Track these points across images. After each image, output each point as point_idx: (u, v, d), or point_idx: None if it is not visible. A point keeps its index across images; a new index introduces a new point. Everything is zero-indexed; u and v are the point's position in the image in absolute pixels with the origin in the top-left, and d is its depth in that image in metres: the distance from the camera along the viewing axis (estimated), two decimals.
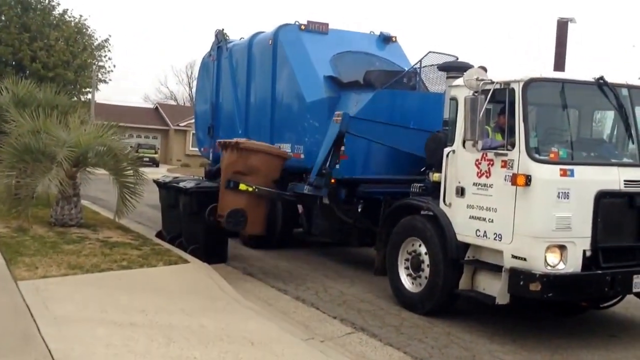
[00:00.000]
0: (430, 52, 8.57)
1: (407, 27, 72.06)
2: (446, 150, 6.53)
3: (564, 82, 6.09)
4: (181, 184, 9.23)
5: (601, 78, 5.99)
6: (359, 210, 8.63)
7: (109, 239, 9.31)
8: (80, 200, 10.76)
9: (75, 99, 30.10)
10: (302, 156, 9.13)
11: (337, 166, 8.12)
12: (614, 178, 5.79)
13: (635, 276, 5.80)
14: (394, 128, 7.94)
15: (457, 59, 8.43)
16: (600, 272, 5.70)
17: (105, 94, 47.94)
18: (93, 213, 12.49)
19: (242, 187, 7.88)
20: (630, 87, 6.16)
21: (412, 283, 6.87)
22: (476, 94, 5.85)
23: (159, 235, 10.13)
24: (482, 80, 5.92)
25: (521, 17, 69.68)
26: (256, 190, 7.94)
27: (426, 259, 6.64)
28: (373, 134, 7.92)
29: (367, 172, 8.50)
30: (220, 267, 8.42)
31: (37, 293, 6.23)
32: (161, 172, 28.85)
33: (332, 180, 8.66)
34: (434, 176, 6.79)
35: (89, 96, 34.55)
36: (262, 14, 74.29)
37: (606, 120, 6.62)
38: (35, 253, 7.96)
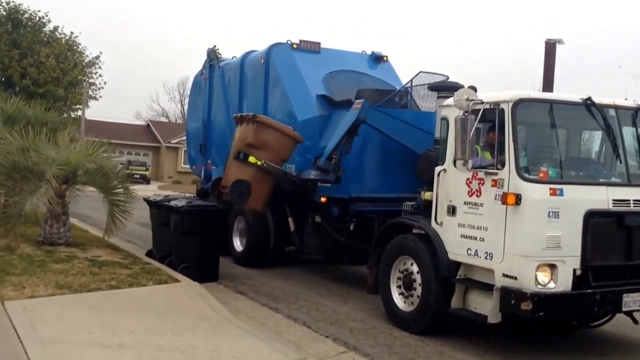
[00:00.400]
0: (421, 72, 8.67)
1: (398, 47, 73.06)
2: (437, 169, 6.58)
3: (552, 102, 6.17)
4: (172, 203, 9.19)
5: (589, 98, 6.08)
6: (352, 228, 8.63)
7: (98, 258, 9.23)
8: (69, 219, 10.67)
9: (66, 115, 30.03)
10: (294, 174, 9.13)
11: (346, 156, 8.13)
12: (602, 197, 5.85)
13: (624, 295, 5.83)
14: (410, 127, 8.02)
15: (448, 78, 8.52)
16: (590, 291, 5.72)
17: (96, 111, 47.84)
18: (82, 231, 12.38)
19: (252, 159, 7.91)
20: (617, 108, 6.25)
21: (405, 302, 6.86)
22: (466, 114, 5.91)
23: (149, 254, 10.05)
24: (472, 100, 5.99)
25: (511, 36, 70.64)
26: (264, 164, 7.95)
27: (418, 277, 6.64)
28: (388, 128, 8.00)
29: (360, 190, 8.51)
30: (211, 286, 8.37)
31: (24, 313, 6.15)
32: (152, 190, 28.86)
33: (323, 199, 8.71)
34: (426, 195, 6.82)
35: (80, 113, 34.47)
36: (254, 32, 74.89)
37: (594, 139, 6.70)
38: (23, 272, 7.87)
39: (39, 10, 31.17)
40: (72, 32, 31.90)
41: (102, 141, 11.23)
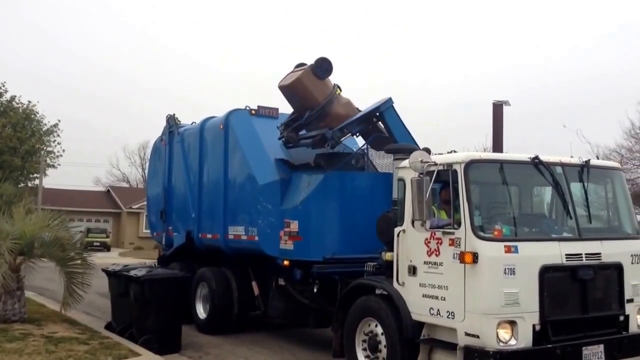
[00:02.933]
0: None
1: (387, 43, 74.69)
2: (396, 229, 6.68)
3: (502, 162, 6.42)
4: (132, 272, 9.00)
5: (536, 157, 6.36)
6: (315, 290, 8.57)
7: (55, 334, 8.88)
8: (24, 293, 10.29)
9: (22, 185, 29.37)
10: (257, 238, 9.12)
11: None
12: (555, 252, 6.02)
13: (584, 348, 5.92)
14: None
15: (411, 140, 8.78)
16: (550, 346, 5.80)
17: (54, 179, 46.95)
18: (38, 306, 11.91)
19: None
20: (563, 165, 6.55)
21: None
22: (421, 176, 6.09)
23: (108, 326, 9.73)
24: (426, 162, 6.19)
25: (467, 97, 73.42)
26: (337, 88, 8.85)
27: (383, 339, 6.61)
28: (395, 132, 8.52)
29: (322, 252, 8.52)
30: (173, 358, 8.16)
31: None
32: (113, 257, 28.15)
33: (286, 262, 8.68)
34: (387, 255, 6.89)
35: (37, 182, 33.75)
36: (211, 95, 75.63)
37: (545, 196, 6.95)
38: None
39: None
40: (29, 101, 31.67)
41: (59, 210, 11.03)
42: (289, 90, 9.05)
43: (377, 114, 8.65)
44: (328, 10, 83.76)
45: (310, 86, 8.80)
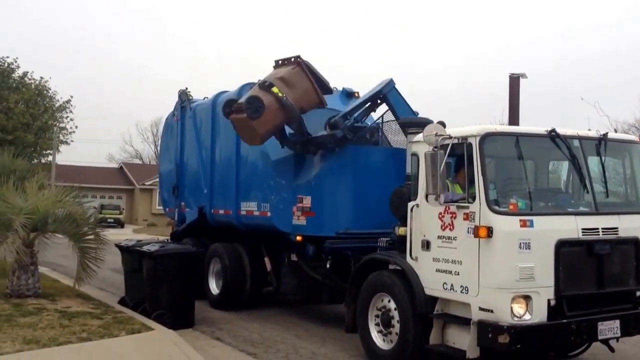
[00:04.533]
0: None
1: (387, 42, 74.42)
2: (410, 204, 6.61)
3: (518, 135, 6.29)
4: (144, 248, 9.03)
5: (553, 130, 6.21)
6: (328, 266, 8.56)
7: (68, 309, 8.96)
8: (38, 269, 10.38)
9: (36, 161, 29.55)
10: (269, 214, 9.09)
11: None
12: (572, 227, 5.93)
13: (599, 323, 5.86)
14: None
15: (418, 114, 8.67)
16: (565, 321, 5.74)
17: (67, 155, 47.33)
18: (52, 281, 12.05)
19: (275, 89, 7.97)
20: (581, 138, 6.40)
21: (384, 340, 6.78)
22: (436, 149, 5.98)
23: (122, 301, 9.81)
24: (440, 135, 6.08)
25: (479, 71, 72.51)
26: (284, 98, 8.00)
27: (396, 314, 6.59)
28: (400, 111, 8.42)
29: (335, 227, 8.48)
30: (187, 333, 8.17)
31: None
32: (126, 233, 28.43)
33: (298, 238, 8.66)
34: (400, 230, 6.83)
35: (50, 158, 33.95)
36: (225, 71, 75.44)
37: (561, 170, 6.83)
38: None
39: (8, 57, 30.98)
40: (42, 77, 31.71)
41: (72, 186, 11.06)
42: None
43: (381, 96, 8.52)
44: (328, 10, 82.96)
45: (260, 126, 8.13)
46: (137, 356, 6.78)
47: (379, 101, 8.69)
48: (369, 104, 8.67)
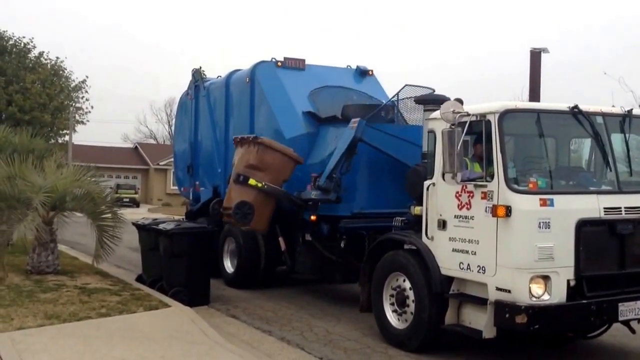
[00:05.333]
0: (406, 85, 8.64)
1: (383, 61, 73.74)
2: (426, 183, 6.53)
3: (539, 112, 6.15)
4: (161, 226, 9.07)
5: (576, 107, 6.06)
6: (342, 245, 8.53)
7: (87, 286, 9.08)
8: (57, 246, 10.53)
9: (53, 141, 29.82)
10: (294, 194, 9.03)
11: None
12: (593, 206, 5.81)
13: (620, 304, 5.77)
14: (406, 143, 7.96)
15: (434, 91, 8.52)
16: (585, 301, 5.65)
17: (83, 135, 47.66)
18: (71, 258, 12.21)
19: (252, 182, 7.92)
20: (604, 115, 6.24)
21: (398, 319, 6.76)
22: (453, 127, 5.87)
23: (139, 279, 9.91)
24: (458, 112, 5.96)
25: (495, 47, 71.56)
26: (265, 186, 7.95)
27: (411, 294, 6.56)
28: (385, 145, 8.01)
29: (350, 207, 8.43)
30: (202, 310, 8.23)
31: (13, 345, 6.00)
32: (142, 213, 28.66)
33: (313, 217, 8.62)
34: (416, 209, 6.76)
35: (67, 138, 34.26)
36: (239, 51, 75.14)
37: (583, 148, 6.69)
38: (11, 303, 7.72)
39: (24, 37, 31.14)
40: (57, 57, 31.86)
41: (90, 166, 11.14)
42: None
43: (357, 140, 7.79)
44: (328, 10, 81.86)
45: (258, 222, 8.14)
46: (156, 332, 6.85)
47: (356, 147, 8.04)
48: (348, 152, 8.00)
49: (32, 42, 31.16)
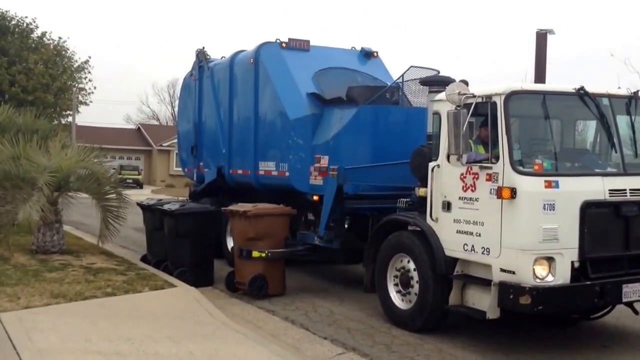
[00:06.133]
0: (411, 66, 8.59)
1: (388, 42, 73.17)
2: (431, 164, 6.52)
3: (544, 93, 6.12)
4: (166, 206, 9.12)
5: (582, 88, 6.02)
6: (346, 226, 8.56)
7: (93, 265, 9.15)
8: (62, 226, 10.58)
9: (56, 122, 29.81)
10: (287, 174, 9.08)
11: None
12: (598, 188, 5.80)
13: (624, 286, 5.80)
14: (385, 167, 8.02)
15: (439, 72, 8.46)
16: (589, 283, 5.68)
17: (86, 116, 47.62)
18: (76, 238, 12.28)
19: (255, 254, 8.10)
20: (610, 97, 6.20)
21: (402, 300, 6.81)
22: (458, 108, 5.85)
23: (144, 259, 9.97)
24: (464, 94, 5.93)
25: (500, 29, 70.93)
26: (269, 255, 8.14)
27: (415, 275, 6.59)
28: (368, 178, 8.13)
29: (353, 188, 8.43)
30: (207, 290, 8.30)
31: (20, 324, 6.07)
32: (145, 194, 28.75)
33: (316, 198, 8.65)
34: (420, 191, 6.76)
35: (70, 119, 34.24)
36: (243, 32, 74.65)
37: (588, 130, 6.66)
38: (17, 282, 7.78)
39: (27, 17, 30.97)
40: (60, 37, 31.71)
41: (94, 147, 11.15)
42: None
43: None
44: (327, 10, 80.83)
45: (273, 287, 8.25)
46: (162, 311, 6.92)
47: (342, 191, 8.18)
48: (336, 200, 8.12)
49: (34, 22, 31.01)
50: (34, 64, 29.62)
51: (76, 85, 32.12)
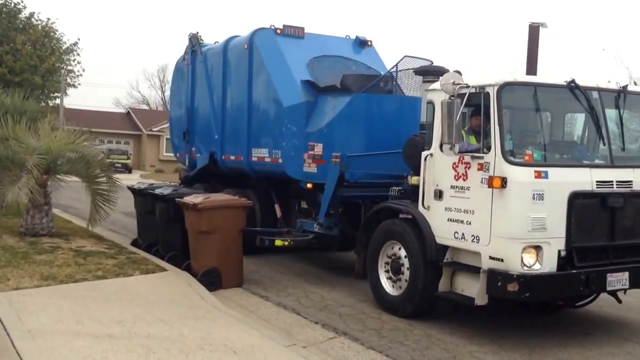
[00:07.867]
0: (405, 56, 8.64)
1: (382, 31, 73.04)
2: (424, 153, 6.60)
3: (536, 85, 6.20)
4: (157, 191, 9.10)
5: (572, 81, 6.12)
6: (339, 214, 8.62)
7: (83, 248, 9.14)
8: (52, 209, 10.53)
9: (44, 104, 29.45)
10: (280, 160, 9.10)
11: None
12: (586, 179, 5.92)
13: (609, 275, 5.94)
14: (387, 155, 8.01)
15: (432, 63, 8.52)
16: (575, 271, 5.81)
17: (74, 99, 47.19)
18: (65, 222, 12.23)
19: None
20: (600, 90, 6.31)
21: (393, 286, 6.91)
22: (452, 98, 5.92)
23: (134, 243, 9.97)
24: (457, 84, 6.00)
25: (494, 21, 71.01)
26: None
27: (406, 262, 6.69)
28: (366, 166, 8.11)
29: (346, 175, 8.48)
30: None
31: (10, 305, 6.08)
32: (134, 178, 28.58)
33: (309, 185, 8.70)
34: (412, 179, 6.85)
35: (58, 101, 33.85)
36: (237, 17, 74.03)
37: (578, 122, 6.77)
38: (6, 264, 7.77)
39: None
40: (48, 19, 31.29)
41: (83, 129, 11.07)
42: None
43: None
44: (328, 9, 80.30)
45: None
46: (153, 295, 6.96)
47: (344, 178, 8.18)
48: (337, 186, 8.09)
49: (22, 2, 30.49)
50: (21, 45, 29.16)
51: (65, 67, 31.72)
